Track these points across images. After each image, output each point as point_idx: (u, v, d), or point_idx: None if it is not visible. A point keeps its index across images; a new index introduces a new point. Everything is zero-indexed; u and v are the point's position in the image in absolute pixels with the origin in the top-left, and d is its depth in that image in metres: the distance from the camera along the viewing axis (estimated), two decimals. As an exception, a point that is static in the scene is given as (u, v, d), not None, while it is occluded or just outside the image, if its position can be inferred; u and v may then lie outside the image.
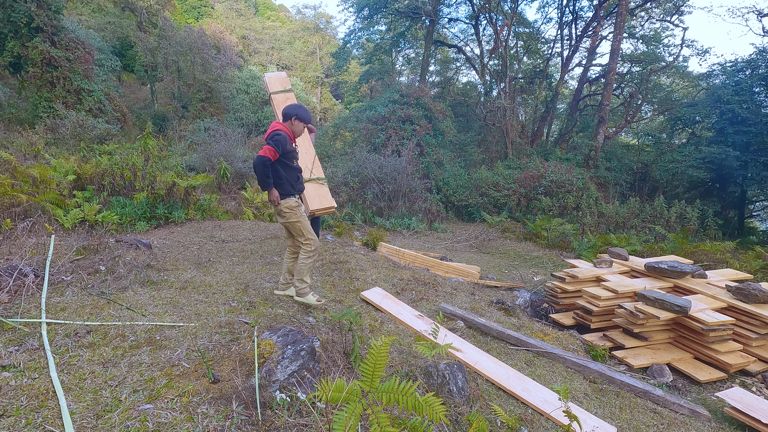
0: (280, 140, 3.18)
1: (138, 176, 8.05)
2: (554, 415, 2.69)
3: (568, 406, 2.02)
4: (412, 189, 13.74)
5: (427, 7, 20.88)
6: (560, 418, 2.59)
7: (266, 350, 2.46)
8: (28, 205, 5.63)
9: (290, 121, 3.39)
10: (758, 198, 18.52)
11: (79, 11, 25.99)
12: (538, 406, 2.81)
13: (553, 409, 2.74)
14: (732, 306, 4.33)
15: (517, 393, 2.91)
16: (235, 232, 7.11)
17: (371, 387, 1.61)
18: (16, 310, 2.87)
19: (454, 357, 3.24)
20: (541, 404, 2.82)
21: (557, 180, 13.85)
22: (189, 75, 24.68)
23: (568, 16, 21.73)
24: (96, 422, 1.85)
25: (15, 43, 14.99)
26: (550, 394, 2.90)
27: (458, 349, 3.17)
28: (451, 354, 3.12)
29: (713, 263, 7.58)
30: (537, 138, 22.72)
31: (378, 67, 26.01)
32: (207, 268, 4.68)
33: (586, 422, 2.68)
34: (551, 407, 2.76)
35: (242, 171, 14.00)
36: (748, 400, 3.19)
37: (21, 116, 15.31)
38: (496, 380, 3.00)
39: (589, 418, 2.77)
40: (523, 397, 2.88)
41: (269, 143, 3.17)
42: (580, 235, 10.91)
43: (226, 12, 42.74)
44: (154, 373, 2.26)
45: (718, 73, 18.56)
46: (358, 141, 17.22)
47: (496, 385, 3.01)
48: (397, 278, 5.28)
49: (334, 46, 37.00)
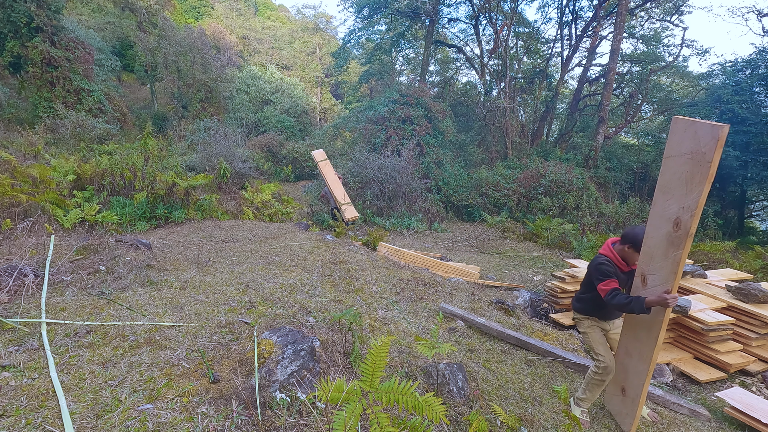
0: (604, 270, 2.69)
1: (138, 176, 8.05)
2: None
3: (568, 407, 2.01)
4: (412, 189, 13.75)
5: (427, 7, 20.88)
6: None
7: (266, 350, 2.46)
8: (28, 205, 5.63)
9: (623, 248, 2.74)
10: (758, 198, 18.53)
11: (79, 11, 25.98)
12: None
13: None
14: (732, 306, 4.33)
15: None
16: (235, 232, 7.11)
17: (371, 387, 1.61)
18: (16, 310, 2.87)
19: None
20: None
21: (557, 180, 13.85)
22: (189, 75, 24.68)
23: (568, 16, 21.74)
24: (96, 422, 1.85)
25: (15, 43, 14.99)
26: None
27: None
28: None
29: (713, 263, 7.58)
30: (537, 138, 22.72)
31: (378, 67, 26.01)
32: (207, 268, 4.68)
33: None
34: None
35: (242, 171, 14.01)
36: (748, 400, 3.19)
37: (21, 116, 15.31)
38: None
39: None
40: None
41: (598, 278, 2.67)
42: (580, 235, 10.92)
43: (226, 12, 42.72)
44: (154, 373, 2.26)
45: (718, 73, 18.58)
46: (358, 141, 17.22)
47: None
48: (397, 278, 5.28)
49: (334, 46, 37.00)
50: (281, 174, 19.42)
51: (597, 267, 2.72)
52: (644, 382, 2.55)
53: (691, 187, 2.15)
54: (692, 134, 2.14)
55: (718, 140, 1.99)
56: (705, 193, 2.09)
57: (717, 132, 1.98)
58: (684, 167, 2.19)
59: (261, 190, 11.91)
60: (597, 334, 2.89)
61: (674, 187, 2.27)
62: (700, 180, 2.08)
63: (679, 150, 2.23)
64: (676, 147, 2.27)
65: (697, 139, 2.12)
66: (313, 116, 29.86)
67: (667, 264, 2.31)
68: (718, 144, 1.98)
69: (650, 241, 2.49)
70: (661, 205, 2.38)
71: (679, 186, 2.22)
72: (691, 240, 2.18)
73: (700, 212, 2.14)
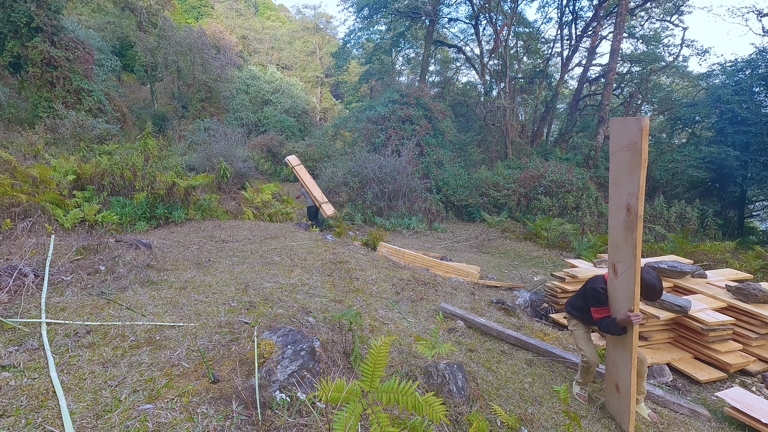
0: (599, 297, 2.94)
1: (138, 176, 8.05)
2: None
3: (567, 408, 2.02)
4: (412, 189, 13.75)
5: (427, 7, 20.89)
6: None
7: (266, 350, 2.46)
8: (28, 205, 5.63)
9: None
10: (758, 198, 18.54)
11: (79, 11, 25.98)
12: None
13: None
14: (732, 306, 4.33)
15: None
16: (235, 232, 7.11)
17: (371, 387, 1.61)
18: (16, 310, 2.87)
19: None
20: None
21: (557, 180, 13.85)
22: (189, 75, 24.69)
23: (568, 16, 21.76)
24: (96, 422, 1.85)
25: (15, 43, 14.99)
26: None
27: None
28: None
29: (713, 263, 7.58)
30: (537, 138, 22.73)
31: (378, 67, 26.02)
32: (207, 268, 4.68)
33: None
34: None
35: (242, 171, 14.01)
36: (748, 400, 3.19)
37: (21, 116, 15.31)
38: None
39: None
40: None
41: (592, 303, 2.95)
42: (580, 235, 10.92)
43: (226, 12, 42.73)
44: (154, 373, 2.26)
45: (718, 73, 18.59)
46: (358, 141, 17.23)
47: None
48: (397, 278, 5.28)
49: (334, 46, 37.01)
50: (281, 174, 19.42)
51: (594, 293, 2.95)
52: (630, 372, 2.73)
53: (632, 175, 2.46)
54: (625, 130, 2.49)
55: (642, 130, 2.34)
56: (643, 176, 2.41)
57: (641, 123, 2.35)
58: (625, 158, 2.52)
59: (261, 190, 11.91)
60: (582, 331, 3.21)
61: (621, 177, 2.59)
62: (637, 166, 2.40)
63: (619, 145, 2.56)
64: (617, 143, 2.59)
65: (629, 133, 2.46)
66: (313, 116, 29.88)
67: (628, 248, 2.58)
68: (644, 133, 2.34)
69: (613, 232, 2.75)
70: (615, 196, 2.66)
71: (624, 175, 2.54)
72: (641, 223, 2.47)
73: (643, 195, 2.44)
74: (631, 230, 2.54)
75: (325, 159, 18.04)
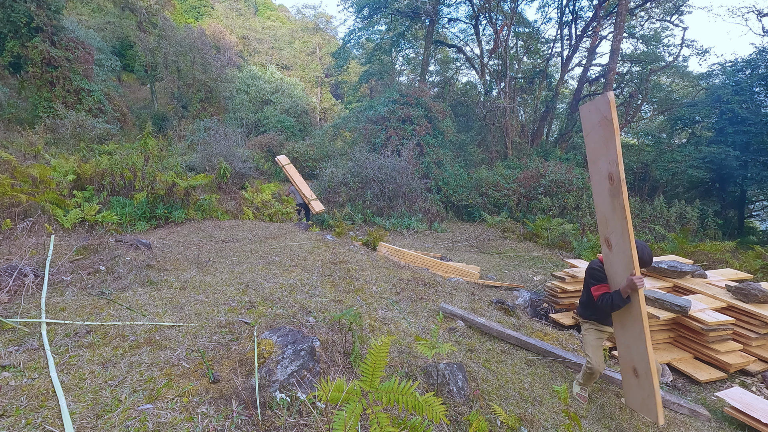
0: (596, 275, 3.02)
1: (138, 176, 8.04)
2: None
3: (568, 408, 2.01)
4: (412, 189, 13.75)
5: (427, 7, 20.88)
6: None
7: (266, 350, 2.46)
8: (28, 205, 5.62)
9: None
10: (758, 198, 18.53)
11: (79, 11, 25.98)
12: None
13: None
14: (732, 306, 4.33)
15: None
16: (235, 232, 7.11)
17: (371, 387, 1.61)
18: (16, 310, 2.87)
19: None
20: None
21: (557, 180, 13.85)
22: (189, 75, 24.69)
23: (568, 16, 21.75)
24: (96, 422, 1.85)
25: (15, 43, 14.98)
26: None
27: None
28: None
29: (713, 263, 7.58)
30: (537, 138, 22.73)
31: (378, 67, 26.01)
32: (207, 268, 4.68)
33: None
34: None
35: (242, 171, 14.01)
36: (748, 400, 3.19)
37: (21, 116, 15.31)
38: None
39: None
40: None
41: (591, 282, 3.01)
42: (580, 235, 10.92)
43: (226, 12, 42.72)
44: (154, 373, 2.26)
45: (718, 72, 18.58)
46: (358, 141, 17.23)
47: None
48: (397, 278, 5.28)
49: (334, 46, 37.00)
50: (281, 174, 19.37)
51: (591, 271, 3.06)
52: (645, 347, 2.69)
53: (608, 145, 2.63)
54: (595, 109, 2.71)
55: (610, 102, 2.58)
56: (618, 144, 2.58)
57: (607, 98, 2.60)
58: (599, 133, 2.71)
59: (261, 190, 11.90)
60: (592, 337, 3.17)
61: (598, 152, 2.75)
62: (612, 135, 2.58)
63: (592, 124, 2.76)
64: (589, 124, 2.79)
65: (598, 109, 2.68)
66: (313, 116, 29.87)
67: (617, 216, 2.68)
68: (611, 105, 2.57)
69: (600, 207, 2.86)
70: (596, 172, 2.81)
71: (601, 148, 2.70)
72: (625, 186, 2.59)
73: (621, 160, 2.59)
74: (616, 196, 2.65)
75: (325, 159, 18.05)
